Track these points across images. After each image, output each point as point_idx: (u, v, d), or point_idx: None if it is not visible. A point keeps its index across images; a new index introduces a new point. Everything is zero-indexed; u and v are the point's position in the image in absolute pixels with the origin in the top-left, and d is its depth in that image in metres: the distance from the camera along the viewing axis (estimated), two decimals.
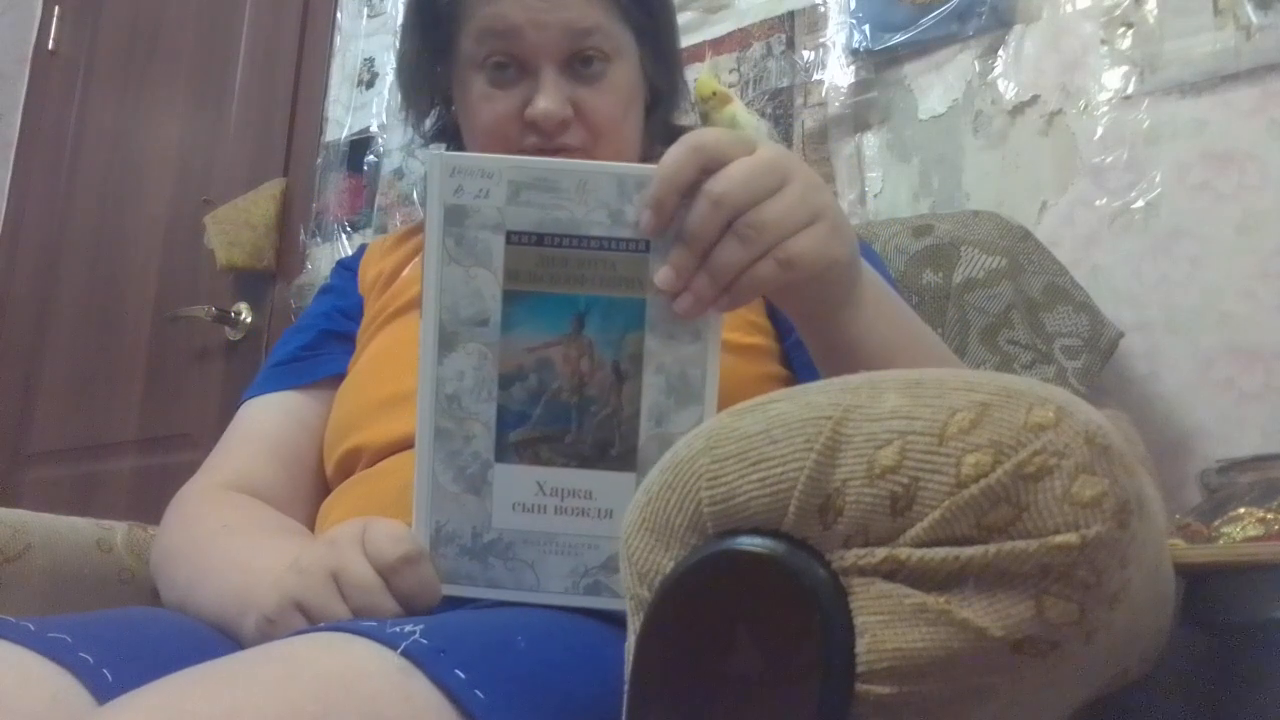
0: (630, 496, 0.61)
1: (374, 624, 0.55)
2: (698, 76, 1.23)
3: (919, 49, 1.39)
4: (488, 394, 0.61)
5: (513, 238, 0.61)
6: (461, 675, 0.52)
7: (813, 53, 1.48)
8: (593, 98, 0.90)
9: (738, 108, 1.18)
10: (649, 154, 1.04)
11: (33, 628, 0.64)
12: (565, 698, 0.55)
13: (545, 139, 0.88)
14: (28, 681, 0.60)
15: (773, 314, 0.89)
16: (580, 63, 0.89)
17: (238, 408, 0.96)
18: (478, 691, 0.52)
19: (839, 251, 0.62)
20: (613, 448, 0.62)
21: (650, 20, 0.96)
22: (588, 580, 0.63)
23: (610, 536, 0.62)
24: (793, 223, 0.60)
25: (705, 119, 1.20)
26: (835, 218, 0.63)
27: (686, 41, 1.53)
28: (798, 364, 0.87)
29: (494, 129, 0.90)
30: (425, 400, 0.61)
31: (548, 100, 0.87)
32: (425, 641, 0.53)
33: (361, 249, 1.09)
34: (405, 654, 0.52)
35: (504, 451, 0.62)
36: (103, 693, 0.59)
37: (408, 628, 0.54)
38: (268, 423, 0.93)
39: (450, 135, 1.03)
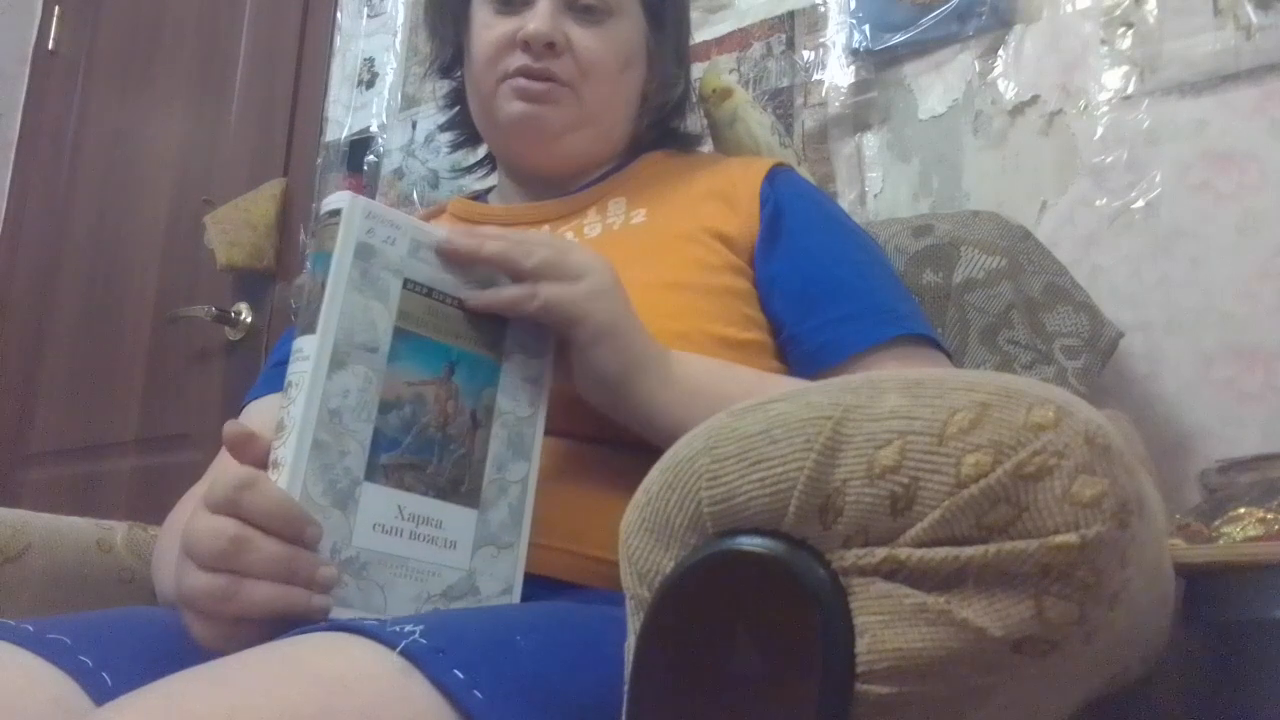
0: (471, 531, 0.68)
1: (374, 624, 0.55)
2: (703, 72, 1.22)
3: (919, 49, 1.39)
4: (367, 415, 0.65)
5: (408, 284, 0.68)
6: (460, 675, 0.52)
7: (813, 53, 1.48)
8: (586, 37, 0.96)
9: (740, 102, 1.17)
10: (638, 140, 1.04)
11: (32, 629, 0.64)
12: (565, 698, 0.55)
13: (533, 58, 0.94)
14: (30, 684, 0.60)
15: (767, 309, 0.89)
16: (581, 5, 0.96)
17: (239, 410, 0.96)
18: (476, 692, 0.52)
19: (592, 308, 0.72)
20: (463, 484, 0.69)
21: (661, 2, 1.02)
22: (429, 606, 0.66)
23: (452, 566, 0.68)
24: (553, 274, 0.71)
25: (708, 117, 1.19)
26: (599, 285, 0.72)
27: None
28: (792, 359, 0.87)
29: (489, 54, 0.97)
30: (309, 410, 0.63)
31: (538, 22, 0.94)
32: (424, 641, 0.53)
33: None
34: (404, 654, 0.52)
35: (373, 471, 0.65)
36: (102, 696, 0.59)
37: (407, 627, 0.54)
38: (269, 425, 0.93)
39: (458, 95, 1.09)
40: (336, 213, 0.66)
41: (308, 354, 0.64)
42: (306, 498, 0.62)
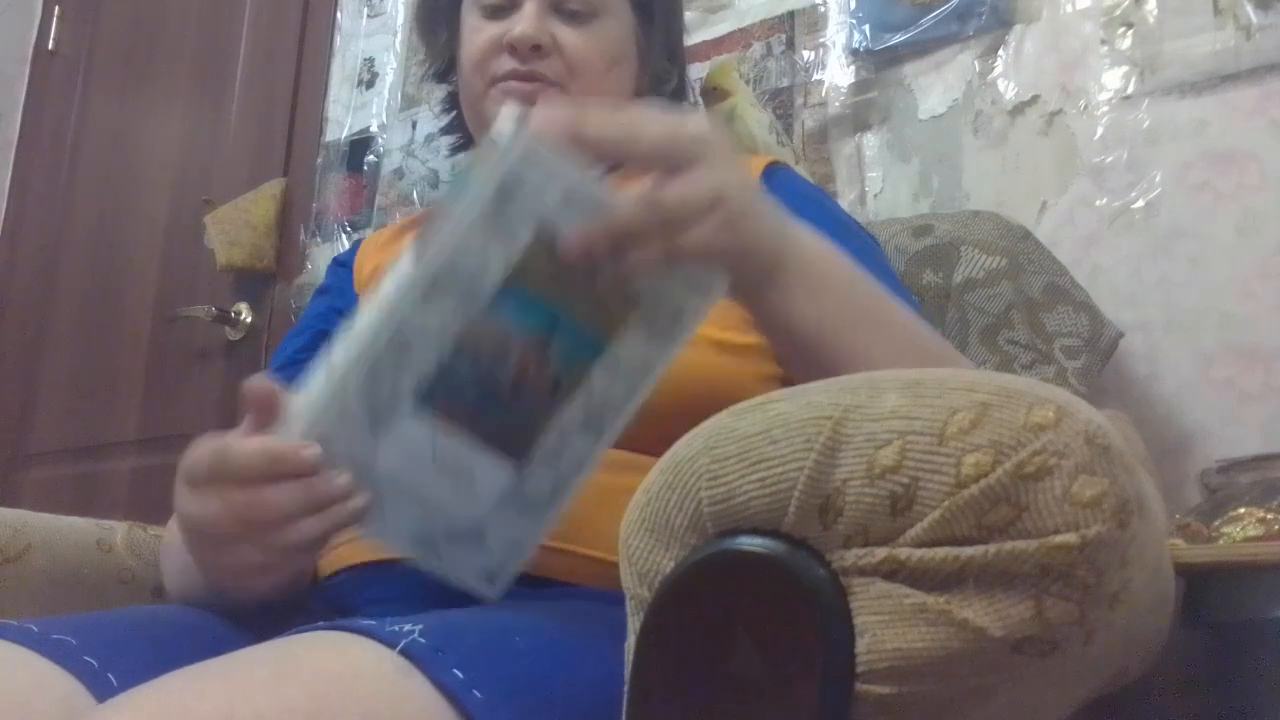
0: (499, 487, 0.64)
1: (373, 623, 0.55)
2: (713, 66, 1.23)
3: (919, 49, 1.39)
4: (438, 348, 0.62)
5: (541, 234, 0.61)
6: (459, 674, 0.52)
7: (813, 53, 1.48)
8: (573, 36, 0.96)
9: (740, 101, 1.18)
10: None
11: (37, 630, 0.64)
12: (563, 698, 0.55)
13: (520, 61, 0.94)
14: (36, 684, 0.60)
15: None
16: (568, 10, 0.96)
17: (240, 411, 0.96)
18: (475, 691, 0.52)
19: (730, 243, 0.61)
20: (514, 439, 0.64)
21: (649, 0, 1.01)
22: (426, 542, 0.64)
23: (462, 514, 0.64)
24: (686, 217, 0.60)
25: (708, 112, 1.20)
26: (734, 209, 0.61)
27: (687, 42, 1.54)
28: None
29: (477, 58, 0.97)
30: (382, 323, 0.61)
31: (524, 25, 0.94)
32: (423, 641, 0.53)
33: (356, 244, 1.09)
34: (403, 653, 0.52)
35: (422, 405, 0.62)
36: (107, 697, 0.59)
37: (406, 627, 0.54)
38: None
39: (455, 99, 1.09)
40: (500, 141, 0.60)
41: (405, 269, 0.62)
42: (343, 404, 0.61)
